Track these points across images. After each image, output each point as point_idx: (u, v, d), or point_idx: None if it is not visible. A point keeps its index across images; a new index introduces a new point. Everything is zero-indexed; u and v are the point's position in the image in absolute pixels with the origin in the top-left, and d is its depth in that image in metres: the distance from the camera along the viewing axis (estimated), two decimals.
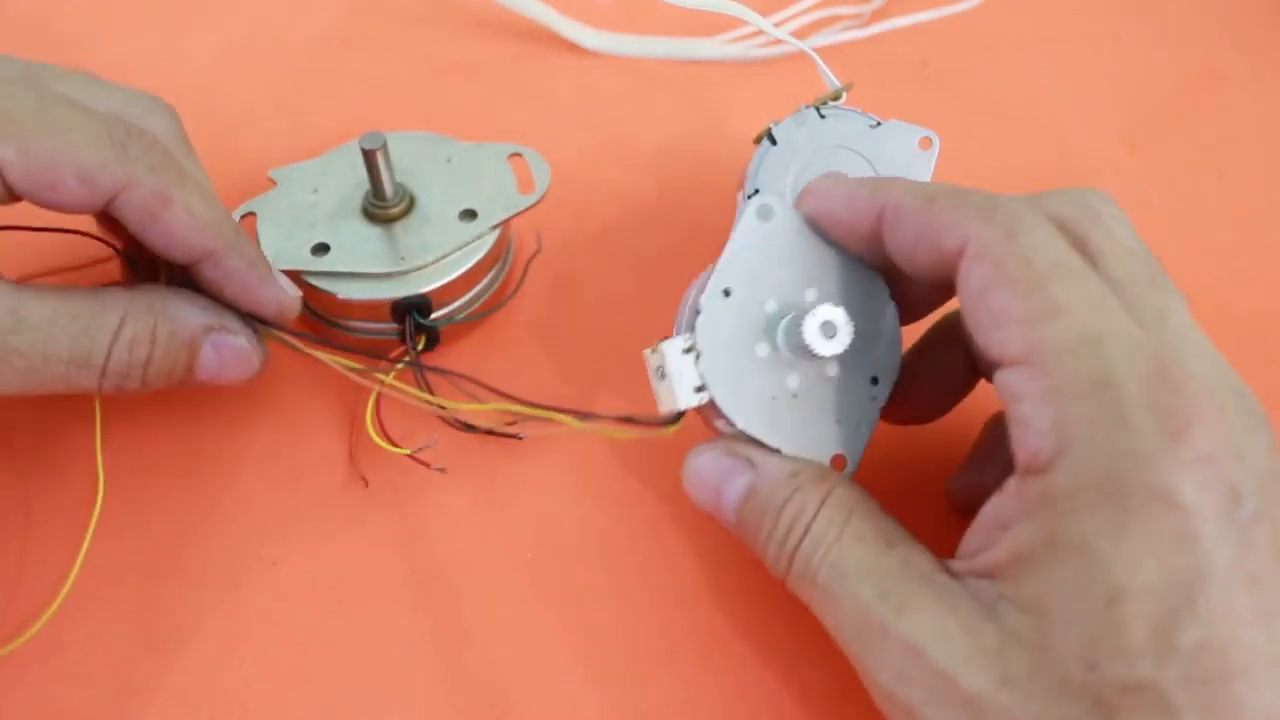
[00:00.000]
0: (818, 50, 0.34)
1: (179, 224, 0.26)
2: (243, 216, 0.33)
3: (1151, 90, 0.45)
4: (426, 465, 0.31)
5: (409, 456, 0.31)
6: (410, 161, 0.35)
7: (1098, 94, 0.45)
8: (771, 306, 0.26)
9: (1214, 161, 0.41)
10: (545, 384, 0.34)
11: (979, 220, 0.23)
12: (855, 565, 0.23)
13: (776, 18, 0.44)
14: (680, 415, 0.26)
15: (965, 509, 0.26)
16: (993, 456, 0.28)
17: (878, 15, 0.46)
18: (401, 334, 0.32)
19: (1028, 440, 0.21)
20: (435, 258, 0.32)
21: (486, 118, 0.43)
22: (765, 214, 0.26)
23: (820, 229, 0.26)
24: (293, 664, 0.27)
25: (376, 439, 0.31)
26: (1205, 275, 0.37)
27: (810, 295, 0.26)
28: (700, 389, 0.25)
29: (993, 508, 0.22)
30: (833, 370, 0.26)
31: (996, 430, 0.28)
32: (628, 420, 0.26)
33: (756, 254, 0.26)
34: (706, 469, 0.26)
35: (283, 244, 0.32)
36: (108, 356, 0.26)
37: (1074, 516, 0.20)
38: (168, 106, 0.31)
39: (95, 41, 0.44)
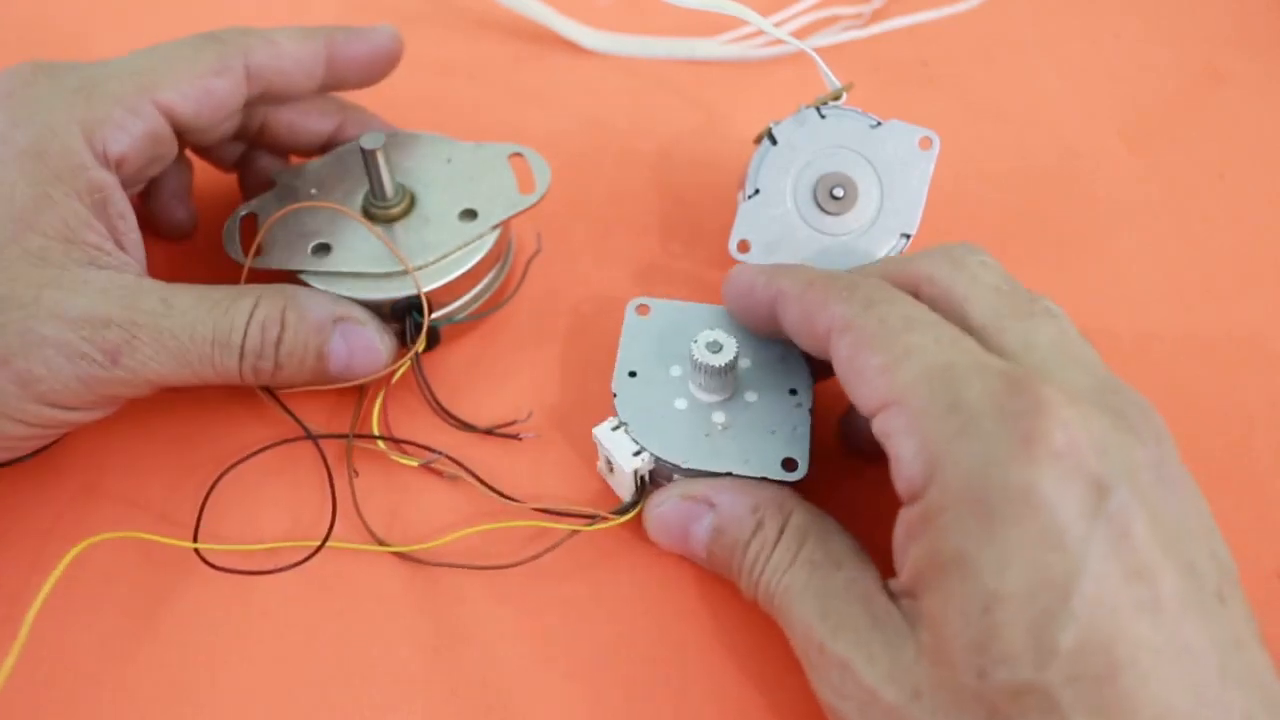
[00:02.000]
0: (818, 50, 0.34)
1: (291, 48, 0.32)
2: (243, 217, 0.33)
3: (1152, 90, 0.45)
4: (440, 474, 0.31)
5: (423, 467, 0.31)
6: (410, 161, 0.35)
7: (1098, 94, 0.45)
8: (677, 371, 0.30)
9: (1214, 161, 0.41)
10: (545, 384, 0.34)
11: (841, 300, 0.26)
12: (803, 588, 0.25)
13: (776, 18, 0.44)
14: (636, 503, 0.29)
15: (853, 450, 0.31)
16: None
17: (878, 15, 0.46)
18: (401, 334, 0.32)
19: (902, 472, 0.23)
20: (435, 258, 0.32)
21: (486, 118, 0.43)
22: (642, 311, 0.32)
23: (737, 317, 0.31)
24: (294, 666, 0.27)
25: (394, 455, 0.31)
26: (1205, 276, 0.37)
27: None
28: (638, 451, 0.28)
29: (897, 531, 0.23)
30: (752, 397, 0.29)
31: None
32: (592, 518, 0.29)
33: (647, 338, 0.31)
34: (669, 516, 0.28)
35: (284, 244, 0.32)
36: (245, 335, 0.28)
37: (948, 531, 0.21)
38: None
39: (95, 41, 0.44)
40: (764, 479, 0.28)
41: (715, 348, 0.28)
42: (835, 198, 0.33)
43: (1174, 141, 0.42)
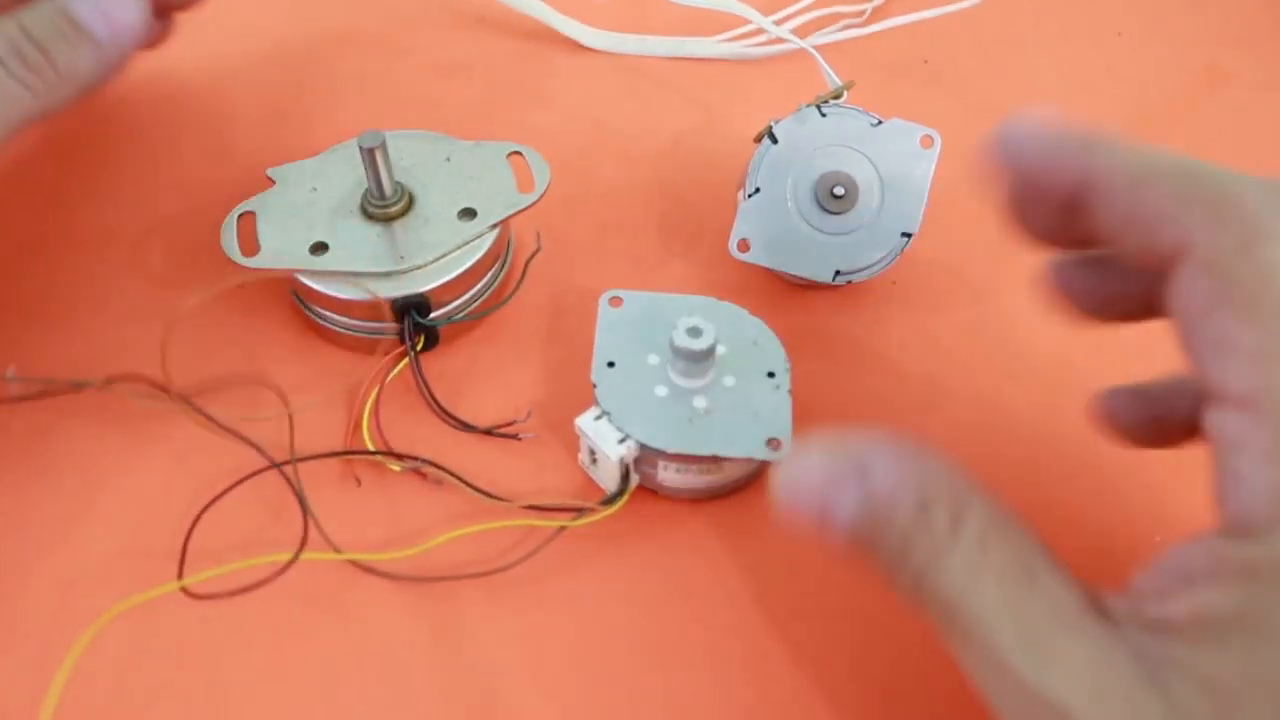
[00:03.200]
0: (818, 48, 0.34)
1: None
2: (241, 215, 0.33)
3: (1153, 88, 0.44)
4: (423, 477, 0.31)
5: (408, 472, 0.31)
6: (409, 160, 0.35)
7: (1099, 92, 0.44)
8: (654, 359, 0.30)
9: (1216, 160, 0.41)
10: (544, 383, 0.33)
11: (1207, 221, 0.19)
12: (994, 606, 0.19)
13: (777, 16, 0.44)
14: (623, 492, 0.29)
15: (1115, 429, 0.24)
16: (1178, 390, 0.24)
17: (878, 13, 0.46)
18: (401, 333, 0.32)
19: (1241, 498, 0.18)
20: (434, 257, 0.32)
21: (486, 117, 0.43)
22: (615, 303, 0.31)
23: (1009, 175, 0.22)
24: (297, 670, 0.27)
25: (389, 464, 0.31)
26: None
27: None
28: (622, 439, 0.28)
29: (1181, 555, 0.19)
30: (730, 381, 0.29)
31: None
32: (579, 510, 0.29)
33: (623, 329, 0.31)
34: (811, 476, 0.21)
35: (281, 243, 0.32)
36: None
37: None
38: None
39: None
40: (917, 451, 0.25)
41: (695, 333, 0.28)
42: (836, 196, 0.32)
43: (1174, 141, 0.42)
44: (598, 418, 0.29)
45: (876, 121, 0.32)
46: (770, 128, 0.33)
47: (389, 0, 0.48)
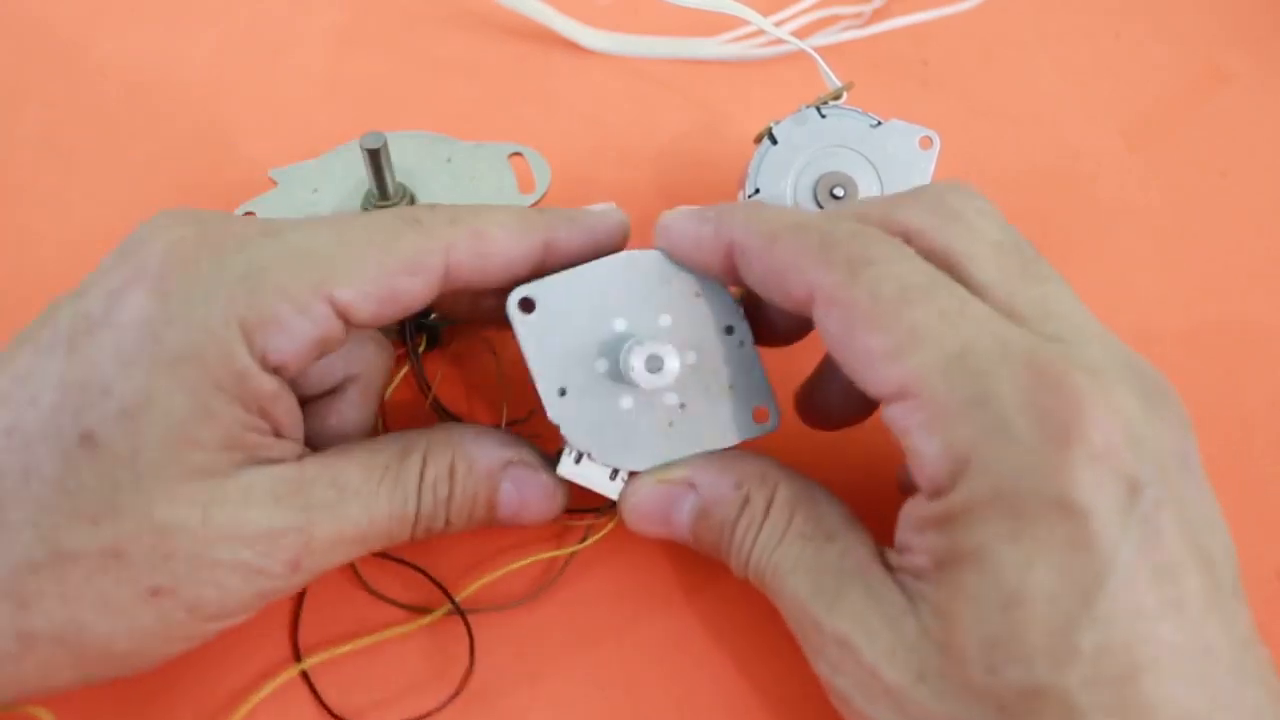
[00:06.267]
0: (818, 50, 0.34)
1: (503, 246, 0.26)
2: (243, 216, 0.33)
3: (1153, 89, 0.45)
4: None
5: None
6: (410, 161, 0.35)
7: (1099, 93, 0.44)
8: (602, 366, 0.26)
9: (1216, 161, 0.41)
10: None
11: (819, 264, 0.23)
12: (795, 562, 0.24)
13: (777, 17, 0.44)
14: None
15: (818, 423, 0.29)
16: (832, 374, 0.28)
17: (878, 15, 0.46)
18: (402, 334, 0.32)
19: (924, 470, 0.21)
20: None
21: (486, 118, 0.43)
22: (526, 307, 0.26)
23: (680, 263, 0.26)
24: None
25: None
26: (1207, 276, 0.37)
27: (619, 325, 0.27)
28: (614, 474, 0.27)
29: (911, 511, 0.22)
30: (692, 357, 0.27)
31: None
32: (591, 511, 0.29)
33: (553, 341, 0.26)
34: (647, 505, 0.26)
35: None
36: (418, 502, 0.26)
37: (972, 529, 0.20)
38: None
39: (95, 41, 0.44)
40: (740, 448, 0.27)
41: (656, 364, 0.25)
42: (835, 197, 0.32)
43: (1175, 141, 0.42)
44: (578, 460, 0.27)
45: (876, 123, 0.32)
46: (770, 129, 0.33)
47: (389, 1, 0.48)
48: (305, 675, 0.27)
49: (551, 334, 0.26)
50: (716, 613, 0.29)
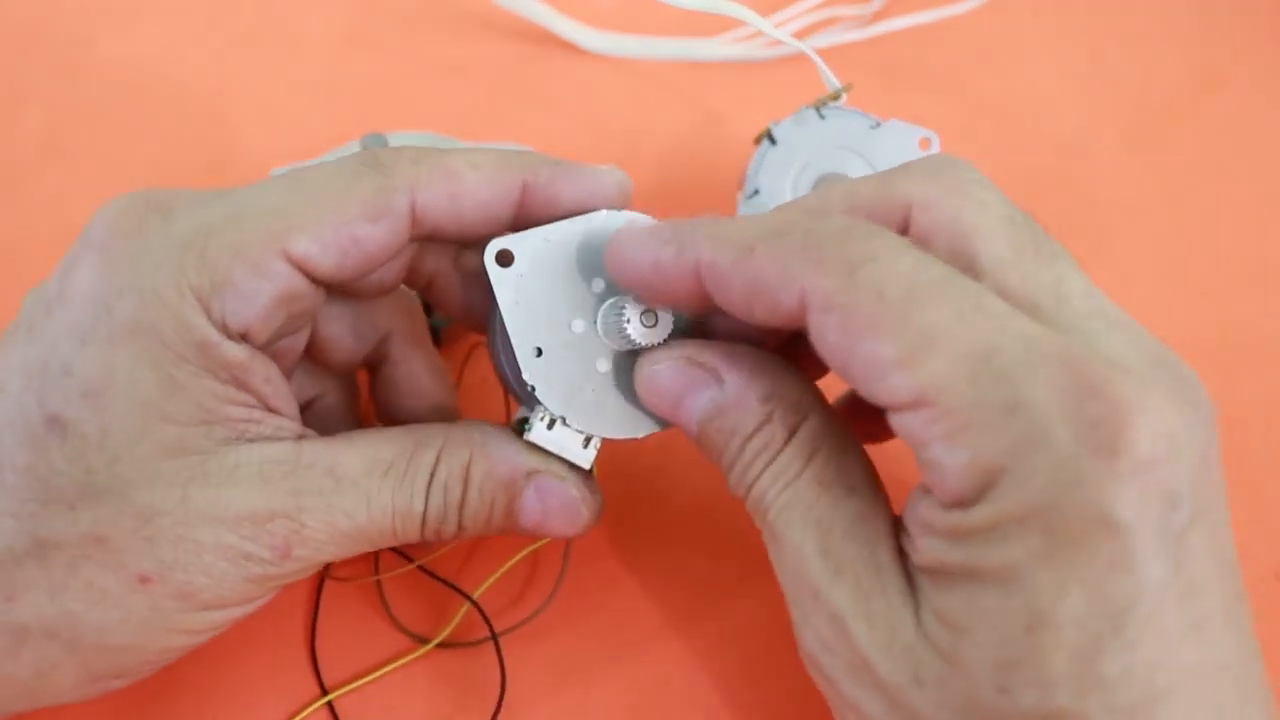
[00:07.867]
0: (818, 51, 0.34)
1: (474, 185, 0.24)
2: None
3: (1152, 91, 0.45)
4: None
5: None
6: None
7: (1098, 94, 0.45)
8: (579, 326, 0.25)
9: (1215, 162, 0.41)
10: None
11: (809, 268, 0.20)
12: (806, 511, 0.22)
13: (777, 18, 0.44)
14: (592, 467, 0.25)
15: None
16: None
17: (878, 16, 0.46)
18: None
19: (946, 483, 0.19)
20: None
21: (486, 118, 0.43)
22: (505, 259, 0.24)
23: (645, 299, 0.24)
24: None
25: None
26: (1205, 276, 0.37)
27: (597, 286, 0.25)
28: (588, 441, 0.25)
29: (925, 515, 0.20)
30: (666, 316, 0.25)
31: None
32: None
33: (531, 296, 0.24)
34: (666, 380, 0.24)
35: None
36: (427, 502, 0.24)
37: (1000, 547, 0.19)
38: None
39: (95, 41, 0.44)
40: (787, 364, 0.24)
41: (651, 319, 0.24)
42: None
43: (1174, 141, 0.42)
44: (550, 426, 0.25)
45: (875, 123, 0.32)
46: (769, 130, 0.33)
47: (390, 2, 0.48)
48: (331, 708, 0.27)
49: (529, 291, 0.25)
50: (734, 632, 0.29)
